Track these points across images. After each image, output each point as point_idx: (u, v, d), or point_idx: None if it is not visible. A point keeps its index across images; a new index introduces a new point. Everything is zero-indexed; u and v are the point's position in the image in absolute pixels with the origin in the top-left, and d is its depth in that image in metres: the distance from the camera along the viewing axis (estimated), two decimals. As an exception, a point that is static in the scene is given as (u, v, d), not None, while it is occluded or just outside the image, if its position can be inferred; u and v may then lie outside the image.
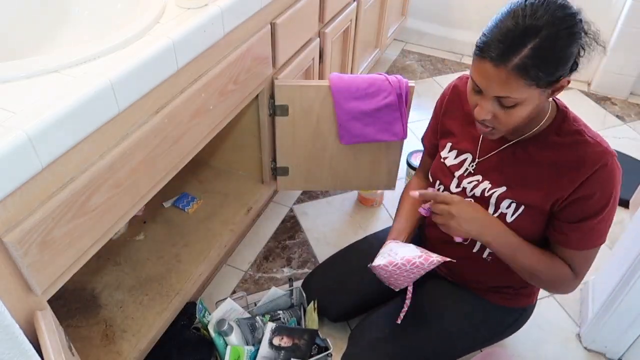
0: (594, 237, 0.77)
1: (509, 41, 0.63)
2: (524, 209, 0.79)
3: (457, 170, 0.87)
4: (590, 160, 0.73)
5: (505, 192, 0.80)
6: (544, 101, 0.71)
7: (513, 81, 0.65)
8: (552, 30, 0.63)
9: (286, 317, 1.08)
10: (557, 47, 0.64)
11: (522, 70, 0.64)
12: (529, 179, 0.78)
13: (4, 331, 0.48)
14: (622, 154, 1.62)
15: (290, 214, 1.42)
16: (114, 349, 0.90)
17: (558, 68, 0.66)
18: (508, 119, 0.70)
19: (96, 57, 0.65)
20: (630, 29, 1.79)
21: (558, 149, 0.75)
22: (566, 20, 0.64)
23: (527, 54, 0.63)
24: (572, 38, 0.65)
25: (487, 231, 0.78)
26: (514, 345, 1.11)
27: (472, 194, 0.84)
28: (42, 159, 0.55)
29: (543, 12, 0.64)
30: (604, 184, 0.73)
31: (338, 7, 1.31)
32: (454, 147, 0.88)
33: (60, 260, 0.63)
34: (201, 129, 0.86)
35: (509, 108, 0.69)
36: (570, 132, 0.75)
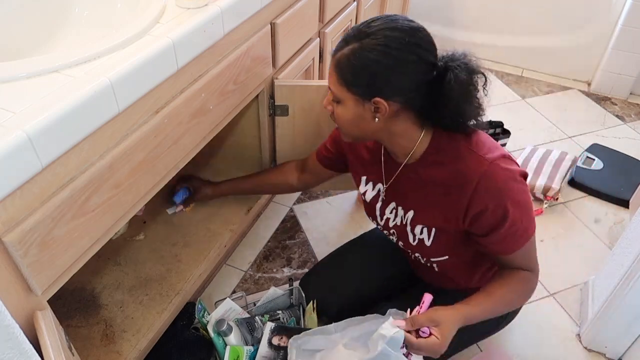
0: (516, 238, 0.76)
1: (342, 39, 0.71)
2: (435, 231, 0.80)
3: (376, 203, 0.89)
4: (469, 173, 0.72)
5: (414, 216, 0.82)
6: (368, 117, 0.71)
7: (333, 74, 0.71)
8: (371, 42, 0.67)
9: (285, 317, 1.08)
10: (367, 58, 0.67)
11: (337, 65, 0.70)
12: (428, 200, 0.79)
13: (4, 331, 0.48)
14: (622, 154, 1.62)
15: (290, 214, 1.43)
16: (114, 349, 0.90)
17: (367, 81, 0.68)
18: (337, 116, 0.75)
19: (96, 57, 0.65)
20: (630, 29, 1.79)
21: (439, 166, 0.75)
22: (389, 40, 0.66)
23: (345, 52, 0.69)
24: (388, 59, 0.66)
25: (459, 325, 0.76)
26: (514, 344, 1.12)
27: (394, 224, 0.86)
28: (42, 159, 0.55)
29: (378, 25, 0.68)
30: (492, 195, 0.71)
31: (338, 7, 1.31)
32: (368, 179, 0.90)
33: (60, 261, 0.63)
34: (201, 129, 0.86)
35: (336, 103, 0.74)
36: (448, 147, 0.75)
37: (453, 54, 0.71)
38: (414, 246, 0.86)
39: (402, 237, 0.88)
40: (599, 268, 1.18)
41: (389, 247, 1.08)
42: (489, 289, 0.79)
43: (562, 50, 2.01)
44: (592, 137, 1.74)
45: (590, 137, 1.74)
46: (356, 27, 0.70)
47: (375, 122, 0.72)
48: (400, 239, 0.89)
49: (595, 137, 1.74)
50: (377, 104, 0.69)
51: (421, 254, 0.87)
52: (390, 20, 0.68)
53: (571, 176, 1.53)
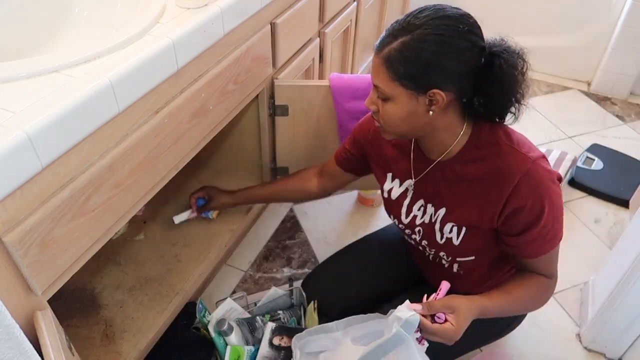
0: (546, 241, 0.76)
1: (388, 33, 0.68)
2: (466, 231, 0.79)
3: (404, 200, 0.87)
4: (510, 172, 0.71)
5: (446, 214, 0.81)
6: (421, 112, 0.70)
7: (382, 71, 0.68)
8: (423, 32, 0.65)
9: (286, 317, 1.08)
10: (422, 48, 0.65)
11: (387, 60, 0.67)
12: (463, 197, 0.78)
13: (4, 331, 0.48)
14: (622, 154, 1.62)
15: (290, 214, 1.42)
16: (114, 349, 0.90)
17: (421, 71, 0.66)
18: (385, 114, 0.72)
19: (96, 57, 0.65)
20: (630, 28, 1.79)
21: (479, 163, 0.74)
22: (441, 28, 0.65)
23: (395, 47, 0.66)
24: (443, 47, 0.65)
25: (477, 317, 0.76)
26: (514, 345, 1.11)
27: (421, 222, 0.85)
28: (42, 159, 0.55)
29: (426, 15, 0.66)
30: (532, 192, 0.71)
31: (338, 7, 1.31)
32: (394, 176, 0.88)
33: (60, 261, 0.63)
34: (201, 129, 0.86)
35: (384, 101, 0.71)
36: (487, 144, 0.74)
37: (493, 39, 0.70)
38: (440, 245, 0.83)
39: (428, 236, 0.85)
40: (599, 268, 1.18)
41: (390, 249, 1.08)
42: (507, 287, 0.79)
43: (562, 50, 2.01)
44: (592, 137, 1.74)
45: (590, 137, 1.74)
46: (402, 20, 0.67)
47: (428, 116, 0.70)
48: (425, 238, 0.86)
49: (595, 137, 1.74)
50: (434, 95, 0.67)
51: (447, 253, 0.85)
52: (438, 10, 0.67)
53: (571, 176, 1.53)
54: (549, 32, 2.01)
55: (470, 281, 0.90)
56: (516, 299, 0.78)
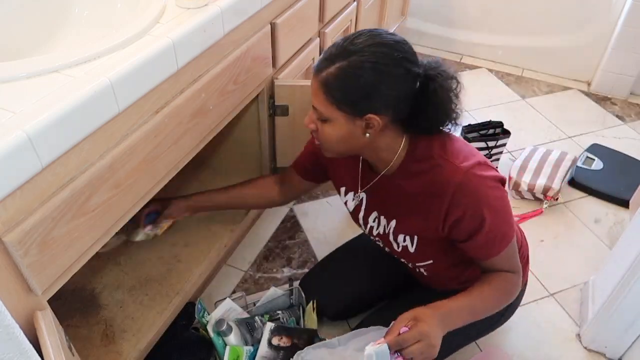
0: (495, 244, 0.77)
1: (325, 57, 0.70)
2: (418, 239, 0.81)
3: (359, 213, 0.90)
4: (445, 183, 0.73)
5: (396, 225, 0.83)
6: (359, 134, 0.72)
7: (320, 94, 0.70)
8: (359, 59, 0.67)
9: (285, 317, 1.08)
10: (358, 75, 0.67)
11: (324, 85, 0.69)
12: (408, 209, 0.80)
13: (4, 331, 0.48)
14: (622, 154, 1.62)
15: (290, 214, 1.42)
16: (114, 349, 0.90)
17: (357, 97, 0.68)
18: (323, 134, 0.74)
19: (96, 57, 0.65)
20: (630, 28, 1.79)
21: (416, 177, 0.76)
22: (377, 55, 0.67)
23: (332, 72, 0.68)
24: (379, 74, 0.67)
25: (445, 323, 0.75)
26: (513, 345, 1.12)
27: (377, 232, 0.87)
28: (42, 159, 0.55)
29: (362, 41, 0.67)
30: (468, 201, 0.72)
31: (338, 7, 1.31)
32: (347, 189, 0.91)
33: (60, 260, 0.63)
34: (201, 129, 0.86)
35: (322, 122, 0.73)
36: (423, 158, 0.76)
37: (429, 62, 0.73)
38: (398, 252, 0.87)
39: (386, 245, 0.89)
40: (599, 268, 1.18)
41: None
42: (471, 289, 0.80)
43: (562, 50, 2.01)
44: (592, 137, 1.74)
45: (590, 137, 1.74)
46: (339, 45, 0.69)
47: (365, 138, 0.73)
48: (385, 246, 0.91)
49: (595, 137, 1.74)
50: (370, 120, 0.70)
51: (406, 260, 0.88)
52: (373, 35, 0.68)
53: (571, 176, 1.53)
54: (549, 32, 2.01)
55: (440, 280, 0.92)
56: (481, 298, 0.79)
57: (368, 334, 0.89)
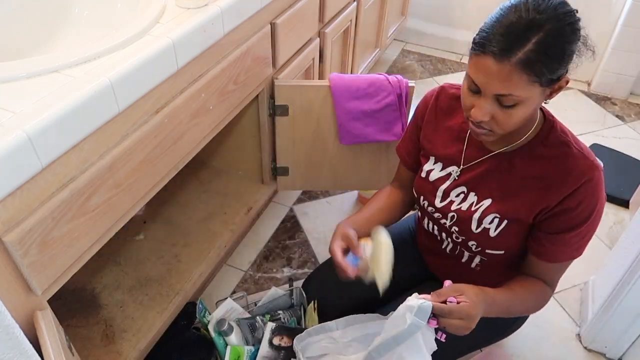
0: (571, 250, 0.76)
1: (513, 35, 0.61)
2: (507, 223, 0.78)
3: (442, 184, 0.85)
4: (578, 173, 0.72)
5: (490, 205, 0.79)
6: (541, 101, 0.69)
7: (516, 77, 0.62)
8: (556, 25, 0.62)
9: (286, 317, 1.08)
10: (560, 42, 0.63)
11: (526, 65, 0.61)
12: (514, 191, 0.77)
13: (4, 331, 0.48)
14: (622, 154, 1.62)
15: (290, 214, 1.42)
16: (114, 349, 0.90)
17: (561, 65, 0.64)
18: (507, 120, 0.67)
19: (96, 57, 0.65)
20: (630, 28, 1.79)
21: (545, 161, 0.74)
22: (568, 16, 0.63)
23: (532, 48, 0.60)
24: (574, 35, 0.64)
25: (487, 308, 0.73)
26: (514, 345, 1.11)
27: (458, 208, 0.82)
28: (42, 159, 0.55)
29: (545, 6, 0.62)
30: (589, 197, 0.73)
31: (338, 7, 1.31)
32: (438, 159, 0.85)
33: (60, 260, 0.63)
34: (201, 129, 0.86)
35: (508, 108, 0.66)
36: (557, 143, 0.74)
37: None
38: (474, 234, 0.80)
39: (462, 224, 0.81)
40: (599, 268, 1.18)
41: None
42: (512, 286, 0.79)
43: (562, 50, 2.01)
44: (592, 137, 1.74)
45: (590, 137, 1.74)
46: (523, 18, 0.61)
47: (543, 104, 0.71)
48: (458, 225, 0.82)
49: (595, 137, 1.74)
50: (562, 82, 0.66)
51: (477, 244, 0.82)
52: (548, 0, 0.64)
53: (571, 176, 1.53)
54: (549, 32, 2.01)
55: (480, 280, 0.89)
56: (519, 298, 0.79)
57: (367, 323, 0.87)
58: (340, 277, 0.78)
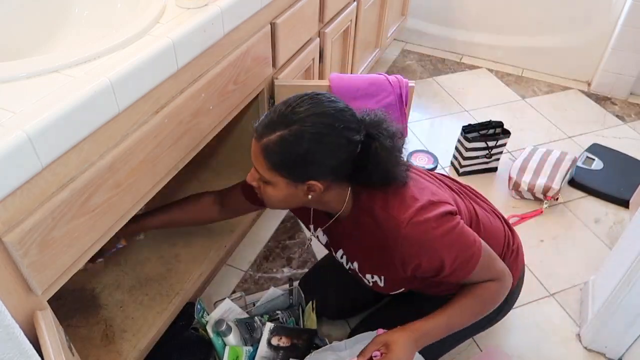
0: (464, 268, 0.76)
1: (267, 123, 0.69)
2: (385, 278, 0.82)
3: (329, 247, 0.92)
4: (390, 240, 0.73)
5: (360, 267, 0.84)
6: (301, 195, 0.72)
7: (260, 159, 0.70)
8: (300, 128, 0.66)
9: (285, 317, 1.08)
10: (298, 145, 0.66)
11: (265, 152, 0.69)
12: (366, 253, 0.81)
13: (4, 331, 0.48)
14: (622, 154, 1.62)
15: (290, 214, 1.42)
16: (113, 349, 0.90)
17: (298, 165, 0.68)
18: (264, 194, 0.75)
19: (96, 57, 0.65)
20: (630, 28, 1.79)
21: (366, 227, 0.77)
22: (317, 126, 0.66)
23: (273, 139, 0.67)
24: (319, 145, 0.66)
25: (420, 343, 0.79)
26: (513, 345, 1.11)
27: (348, 267, 0.89)
28: (42, 159, 0.55)
29: (304, 110, 0.67)
30: (420, 251, 0.73)
31: (338, 7, 1.31)
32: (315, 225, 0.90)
33: (61, 260, 0.63)
34: (201, 129, 0.86)
35: (264, 183, 0.73)
36: (363, 211, 0.76)
37: (370, 119, 0.72)
38: (371, 287, 0.87)
39: (359, 279, 0.89)
40: (599, 268, 1.18)
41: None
42: (449, 302, 0.81)
43: (562, 50, 2.01)
44: (592, 137, 1.74)
45: (590, 137, 1.74)
46: (280, 112, 0.68)
47: (308, 198, 0.74)
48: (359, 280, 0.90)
49: (595, 137, 1.74)
50: (311, 185, 0.70)
51: (381, 292, 0.88)
52: (315, 104, 0.68)
53: (571, 176, 1.53)
54: (549, 32, 2.01)
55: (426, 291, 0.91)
56: (460, 311, 0.80)
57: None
58: None
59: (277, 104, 0.71)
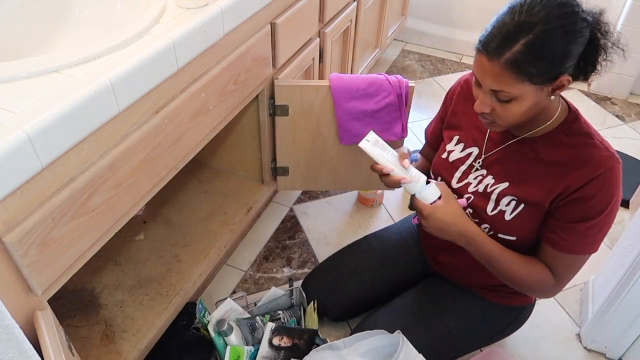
0: (585, 242, 0.76)
1: (503, 36, 0.65)
2: (523, 207, 0.79)
3: (461, 165, 0.87)
4: (597, 162, 0.73)
5: (508, 188, 0.80)
6: (543, 99, 0.70)
7: (505, 75, 0.66)
8: (546, 27, 0.63)
9: (286, 317, 1.08)
10: (550, 44, 0.64)
11: (513, 65, 0.65)
12: (534, 176, 0.78)
13: (4, 331, 0.48)
14: (622, 154, 1.62)
15: (290, 213, 1.42)
16: (114, 349, 0.90)
17: (553, 65, 0.66)
18: (506, 114, 0.71)
19: (96, 57, 0.65)
20: (630, 29, 1.79)
21: (566, 148, 0.75)
22: (563, 18, 0.64)
23: (519, 49, 0.64)
24: (570, 36, 0.65)
25: (458, 239, 0.80)
26: (514, 344, 1.11)
27: (475, 190, 0.84)
28: (42, 159, 0.55)
29: (540, 8, 0.64)
30: (607, 187, 0.73)
31: (338, 7, 1.31)
32: (461, 140, 0.88)
33: (60, 260, 0.63)
34: (201, 129, 0.86)
35: (505, 102, 0.70)
36: (580, 133, 0.75)
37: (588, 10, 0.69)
38: (488, 216, 0.82)
39: (478, 204, 0.83)
40: (599, 268, 1.18)
41: (391, 249, 1.08)
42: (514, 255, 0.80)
43: (562, 50, 2.01)
44: (592, 137, 1.74)
45: (590, 137, 1.74)
46: (513, 20, 0.64)
47: (549, 101, 0.71)
48: (472, 206, 0.84)
49: (595, 137, 1.74)
50: (562, 81, 0.67)
51: (490, 227, 0.83)
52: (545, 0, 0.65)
53: (571, 176, 1.53)
54: (549, 32, 2.01)
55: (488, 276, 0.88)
56: (510, 264, 0.80)
57: (372, 338, 0.89)
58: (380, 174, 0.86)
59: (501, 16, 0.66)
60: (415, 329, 0.93)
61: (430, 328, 0.93)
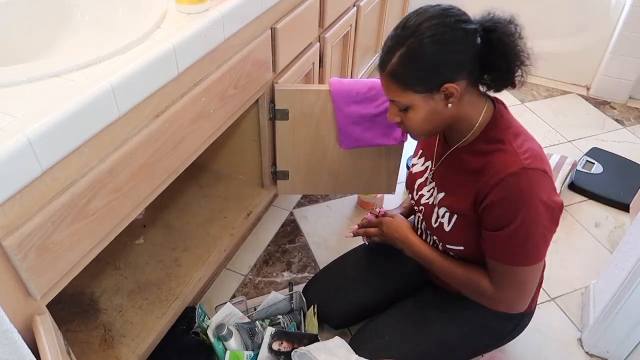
0: (513, 252, 0.75)
1: (385, 50, 0.72)
2: (457, 217, 0.81)
3: (419, 178, 0.92)
4: (498, 168, 0.73)
5: (443, 198, 0.84)
6: (441, 107, 0.73)
7: (392, 86, 0.73)
8: (416, 39, 0.68)
9: (286, 321, 1.07)
10: (420, 54, 0.69)
11: (394, 76, 0.71)
12: (459, 186, 0.80)
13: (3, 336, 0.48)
14: (621, 158, 1.62)
15: (290, 217, 1.42)
16: (112, 354, 0.89)
17: (429, 74, 0.70)
18: (409, 122, 0.76)
19: (97, 62, 0.65)
20: (629, 32, 1.80)
21: (482, 156, 0.76)
22: (431, 29, 0.68)
23: (396, 62, 0.70)
24: (440, 45, 0.68)
25: (406, 249, 0.93)
26: (515, 350, 1.11)
27: (426, 202, 0.89)
28: (42, 163, 0.55)
29: (412, 23, 0.69)
30: (513, 194, 0.72)
31: (338, 12, 1.32)
32: (423, 153, 0.94)
33: (60, 265, 0.63)
34: (201, 133, 0.86)
35: (404, 111, 0.75)
36: (494, 140, 0.76)
37: (481, 16, 0.73)
38: (434, 228, 0.86)
39: (427, 216, 0.88)
40: (600, 272, 1.18)
41: (392, 254, 1.07)
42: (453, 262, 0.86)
43: (562, 54, 2.01)
44: (592, 141, 1.74)
45: (590, 141, 1.74)
46: (393, 36, 0.71)
47: (448, 109, 0.74)
48: (424, 219, 0.90)
49: (594, 141, 1.74)
50: (448, 89, 0.70)
51: (439, 238, 0.87)
52: (420, 14, 0.70)
53: (571, 180, 1.53)
54: (548, 36, 2.02)
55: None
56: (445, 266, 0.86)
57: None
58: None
59: (389, 34, 0.72)
60: (416, 336, 0.92)
61: (431, 335, 0.93)
